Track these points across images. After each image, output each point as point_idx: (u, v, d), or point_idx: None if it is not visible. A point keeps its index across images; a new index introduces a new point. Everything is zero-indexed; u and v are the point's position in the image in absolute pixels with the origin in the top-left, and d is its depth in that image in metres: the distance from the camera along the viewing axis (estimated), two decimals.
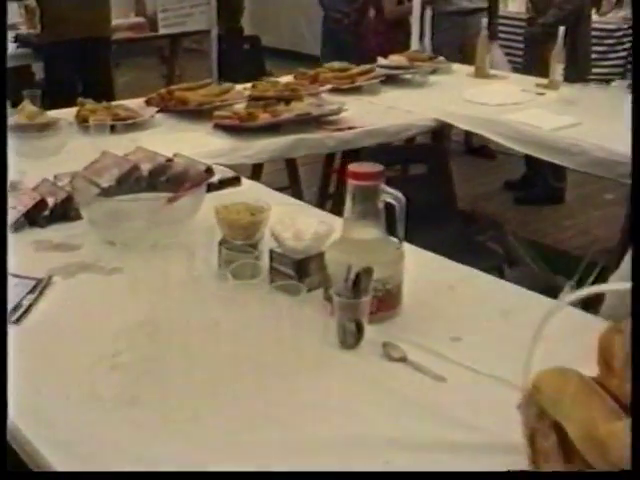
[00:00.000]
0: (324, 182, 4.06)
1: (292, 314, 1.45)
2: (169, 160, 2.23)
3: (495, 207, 4.89)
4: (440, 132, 3.61)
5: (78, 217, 2.06)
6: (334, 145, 2.96)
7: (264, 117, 2.85)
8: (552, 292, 3.30)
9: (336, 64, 3.79)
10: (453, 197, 3.17)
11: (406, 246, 1.65)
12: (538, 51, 4.91)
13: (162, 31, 5.57)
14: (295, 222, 1.74)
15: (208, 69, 5.94)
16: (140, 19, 5.51)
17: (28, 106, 2.96)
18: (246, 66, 6.03)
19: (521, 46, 5.44)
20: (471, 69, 4.18)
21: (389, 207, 1.61)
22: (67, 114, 3.07)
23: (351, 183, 1.57)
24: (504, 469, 1.13)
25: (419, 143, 3.33)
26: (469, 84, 3.89)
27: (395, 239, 1.64)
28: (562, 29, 3.82)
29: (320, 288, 1.68)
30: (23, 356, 1.44)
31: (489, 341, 1.57)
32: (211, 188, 2.17)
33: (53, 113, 3.04)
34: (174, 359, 1.41)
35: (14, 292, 1.67)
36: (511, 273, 3.20)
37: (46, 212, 2.05)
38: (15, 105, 3.02)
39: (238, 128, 2.86)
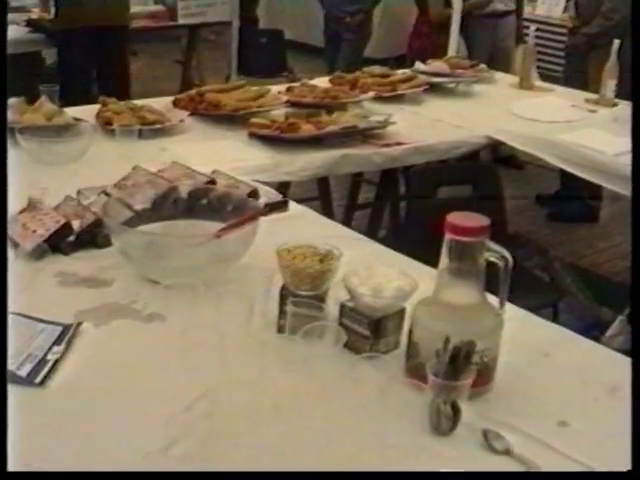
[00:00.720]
0: (353, 192, 3.81)
1: (368, 383, 1.22)
2: (211, 182, 1.97)
3: (526, 223, 4.63)
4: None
5: (107, 244, 1.80)
6: (381, 162, 2.69)
7: (307, 128, 2.58)
8: (601, 327, 3.06)
9: (376, 69, 3.53)
10: (504, 222, 2.91)
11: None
12: (579, 63, 4.67)
13: (181, 21, 5.29)
14: (372, 272, 1.48)
15: (227, 61, 5.66)
16: (159, 7, 5.23)
17: (46, 104, 2.69)
18: (266, 60, 5.76)
19: (549, 51, 5.20)
20: (514, 79, 3.92)
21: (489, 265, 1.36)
22: (86, 113, 2.80)
23: (450, 237, 1.32)
24: None
25: (468, 162, 3.06)
26: (514, 96, 3.64)
27: (494, 302, 1.39)
28: (616, 42, 3.57)
29: (395, 349, 1.44)
30: (46, 436, 1.18)
31: (599, 427, 1.33)
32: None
33: (72, 112, 2.76)
34: (242, 449, 1.15)
35: (38, 341, 1.42)
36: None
37: (71, 237, 1.78)
38: (31, 101, 2.75)
39: (278, 139, 2.59)
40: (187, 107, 2.92)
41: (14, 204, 1.90)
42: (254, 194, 2.01)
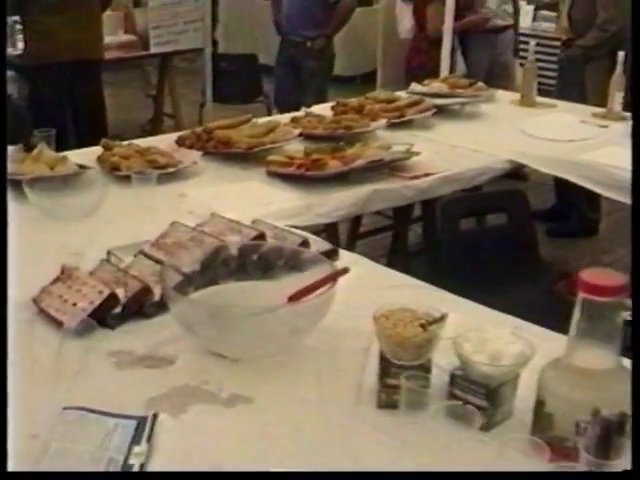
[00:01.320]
0: (355, 220, 3.65)
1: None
2: (260, 236, 1.79)
3: None
4: None
5: (155, 313, 1.62)
6: (412, 196, 2.55)
7: (334, 164, 2.42)
8: None
9: (381, 94, 3.39)
10: (536, 249, 2.78)
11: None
12: (575, 75, 4.59)
13: (154, 50, 5.09)
14: (483, 336, 1.32)
15: (200, 89, 5.49)
16: (131, 37, 5.02)
17: (46, 151, 2.49)
18: (241, 86, 5.60)
19: (540, 64, 5.12)
20: (514, 96, 3.82)
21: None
22: (85, 157, 2.61)
23: (585, 297, 1.17)
24: None
25: (498, 189, 2.93)
26: (520, 114, 3.53)
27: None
28: (621, 54, 3.47)
29: (507, 420, 1.29)
30: None
31: None
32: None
33: (72, 156, 2.56)
34: None
35: (115, 441, 1.23)
36: None
37: (117, 309, 1.59)
38: (28, 150, 2.55)
39: (303, 178, 2.43)
40: (193, 146, 2.74)
41: (44, 272, 1.72)
42: (305, 244, 1.85)
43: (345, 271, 1.49)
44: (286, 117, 3.26)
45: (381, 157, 2.51)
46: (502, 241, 2.70)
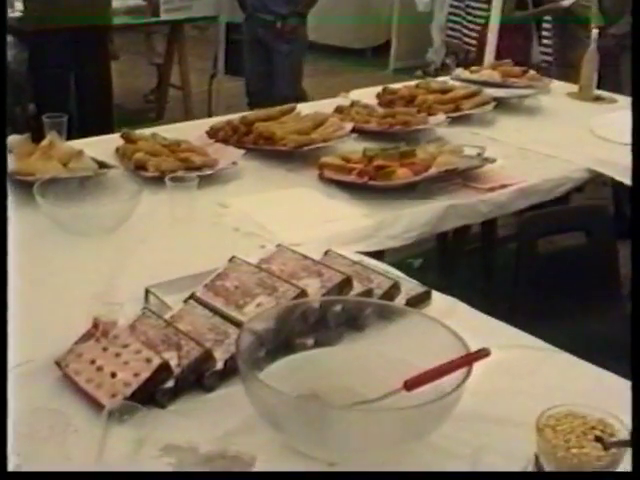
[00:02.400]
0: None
1: None
2: (346, 281, 1.42)
3: None
4: None
5: (218, 385, 1.25)
6: (488, 212, 2.17)
7: (403, 173, 2.04)
8: None
9: (433, 82, 3.00)
10: (617, 274, 2.42)
11: None
12: (611, 66, 4.21)
13: (164, 16, 4.65)
14: None
15: (211, 60, 5.06)
16: (139, 2, 4.58)
17: (58, 143, 2.09)
18: None
19: None
20: (571, 87, 3.43)
21: None
22: (97, 147, 2.21)
23: None
24: None
25: (578, 205, 2.56)
26: (583, 110, 3.14)
27: None
28: None
29: None
30: None
31: None
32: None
33: (81, 145, 2.16)
34: None
35: None
36: None
37: (169, 383, 1.21)
38: (36, 139, 2.15)
39: (366, 188, 2.05)
40: (228, 140, 2.34)
41: (61, 315, 1.35)
42: (395, 287, 1.48)
43: (485, 354, 1.12)
44: (323, 104, 2.88)
45: (456, 165, 2.13)
46: (580, 263, 2.34)
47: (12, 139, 2.12)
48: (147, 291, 1.46)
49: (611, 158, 2.57)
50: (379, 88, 3.24)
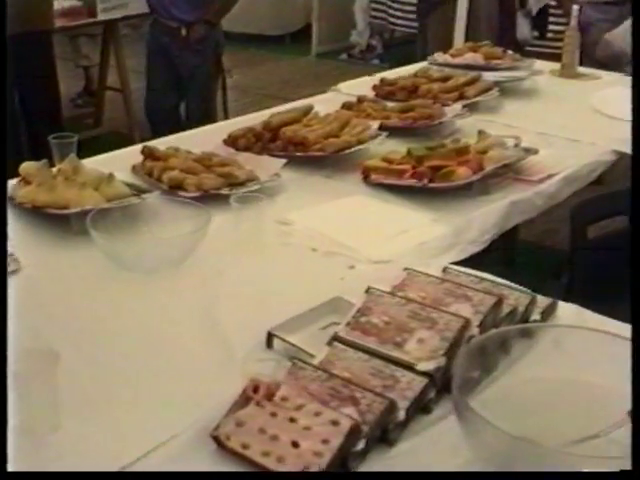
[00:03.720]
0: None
1: None
2: (499, 302, 1.29)
3: None
4: None
5: (399, 436, 1.11)
6: (542, 204, 2.07)
7: (463, 173, 1.92)
8: None
9: (433, 71, 2.88)
10: None
11: None
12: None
13: (102, 16, 4.37)
14: None
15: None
16: (75, 2, 4.28)
17: (82, 168, 1.87)
18: None
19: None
20: (551, 65, 3.38)
21: None
22: (108, 164, 2.01)
23: None
24: None
25: (621, 189, 2.49)
26: (576, 88, 3.12)
27: None
28: None
29: None
30: None
31: None
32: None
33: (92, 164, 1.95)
34: None
35: None
36: None
37: (360, 444, 1.06)
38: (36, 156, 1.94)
39: (426, 191, 1.92)
40: (251, 148, 2.17)
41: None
42: (532, 303, 1.36)
43: None
44: (314, 100, 2.73)
45: (510, 159, 2.02)
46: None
47: (27, 166, 1.89)
48: (271, 335, 1.29)
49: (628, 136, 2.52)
50: (367, 79, 3.13)
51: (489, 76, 2.94)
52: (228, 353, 1.30)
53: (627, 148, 2.43)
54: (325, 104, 2.66)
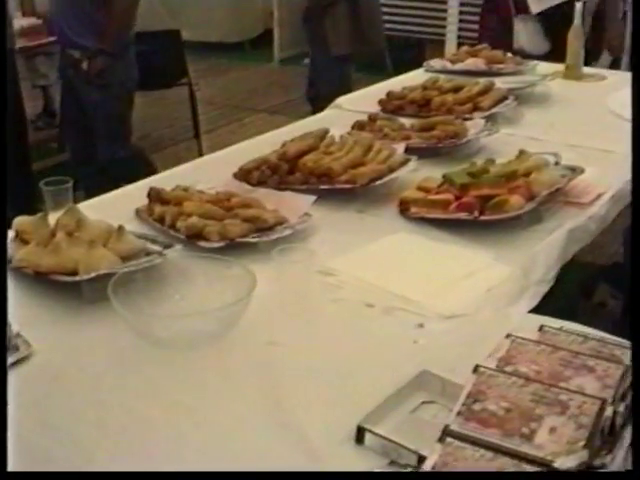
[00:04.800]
0: None
1: None
2: (626, 371, 1.08)
3: None
4: None
5: None
6: (595, 229, 1.87)
7: (517, 202, 1.71)
8: None
9: (444, 81, 2.66)
10: None
11: None
12: None
13: None
14: None
15: None
16: (33, 20, 3.99)
17: (86, 221, 1.62)
18: (162, 67, 4.70)
19: None
20: (556, 67, 3.21)
21: None
22: (103, 209, 1.77)
23: None
24: None
25: None
26: (588, 90, 2.96)
27: None
28: None
29: None
30: None
31: None
32: None
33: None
34: None
35: None
36: None
37: None
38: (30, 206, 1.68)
39: (476, 224, 1.71)
40: (266, 181, 1.95)
41: None
42: None
43: None
44: (316, 119, 2.51)
45: (561, 183, 1.82)
46: None
47: (21, 222, 1.64)
48: (361, 430, 1.07)
49: None
50: (368, 92, 2.94)
51: (498, 83, 2.74)
52: (310, 453, 1.07)
53: None
54: (329, 123, 2.45)
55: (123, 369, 1.29)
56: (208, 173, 2.09)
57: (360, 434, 1.07)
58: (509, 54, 3.23)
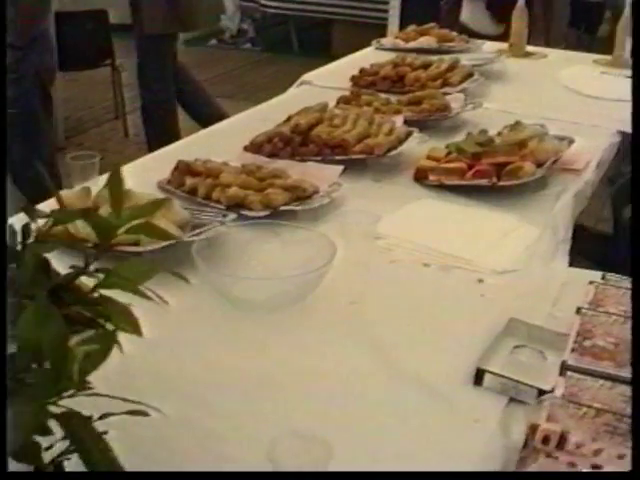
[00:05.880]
0: None
1: None
2: None
3: None
4: None
5: None
6: (589, 194, 2.03)
7: (529, 168, 1.85)
8: None
9: (415, 59, 2.77)
10: None
11: None
12: None
13: None
14: None
15: None
16: None
17: (133, 192, 1.65)
18: (87, 48, 4.63)
19: None
20: (500, 45, 3.39)
21: None
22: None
23: None
24: None
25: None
26: (537, 67, 3.15)
27: None
28: None
29: None
30: None
31: None
32: None
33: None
34: None
35: None
36: None
37: None
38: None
39: (494, 189, 1.84)
40: (277, 153, 2.01)
41: None
42: None
43: None
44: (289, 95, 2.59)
45: (561, 150, 1.97)
46: None
47: (67, 195, 1.65)
48: (480, 371, 1.17)
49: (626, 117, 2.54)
50: (333, 68, 3.03)
51: (469, 60, 2.89)
52: (436, 396, 1.16)
53: (628, 128, 2.47)
54: (306, 99, 2.53)
55: (208, 335, 1.33)
56: (211, 148, 2.13)
57: (479, 375, 1.17)
58: (453, 33, 3.38)
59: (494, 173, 1.85)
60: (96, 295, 0.90)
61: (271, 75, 6.60)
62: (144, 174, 1.89)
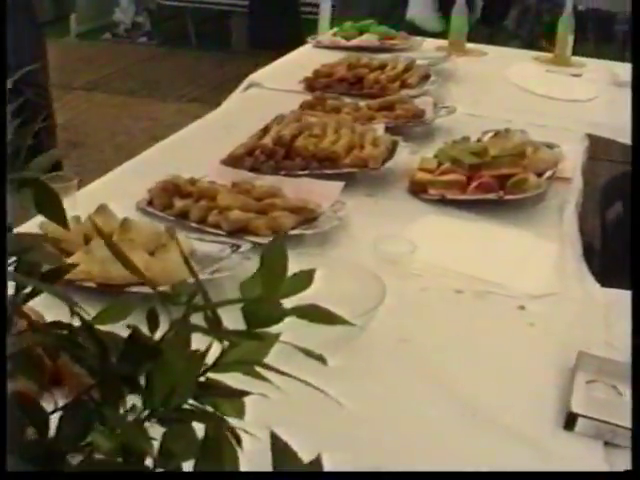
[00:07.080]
0: None
1: None
2: None
3: None
4: None
5: None
6: (580, 203, 1.98)
7: (534, 180, 1.78)
8: None
9: (372, 60, 2.67)
10: None
11: None
12: None
13: None
14: None
15: None
16: None
17: (134, 222, 1.48)
18: None
19: None
20: (439, 43, 3.34)
21: None
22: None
23: None
24: None
25: (618, 174, 2.47)
26: (479, 65, 3.09)
27: None
28: None
29: None
30: None
31: None
32: None
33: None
34: None
35: None
36: None
37: None
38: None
39: (499, 203, 1.77)
40: (259, 168, 1.87)
41: None
42: None
43: None
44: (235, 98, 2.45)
45: (558, 159, 1.92)
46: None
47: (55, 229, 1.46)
48: (572, 415, 1.09)
49: (600, 120, 2.52)
50: (279, 67, 2.90)
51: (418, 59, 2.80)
52: (526, 442, 1.07)
53: (598, 131, 2.45)
54: (260, 104, 2.41)
55: None
56: (176, 161, 1.96)
57: (571, 419, 1.09)
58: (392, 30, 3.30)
59: (497, 185, 1.77)
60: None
61: (170, 70, 6.36)
62: (110, 193, 1.71)
